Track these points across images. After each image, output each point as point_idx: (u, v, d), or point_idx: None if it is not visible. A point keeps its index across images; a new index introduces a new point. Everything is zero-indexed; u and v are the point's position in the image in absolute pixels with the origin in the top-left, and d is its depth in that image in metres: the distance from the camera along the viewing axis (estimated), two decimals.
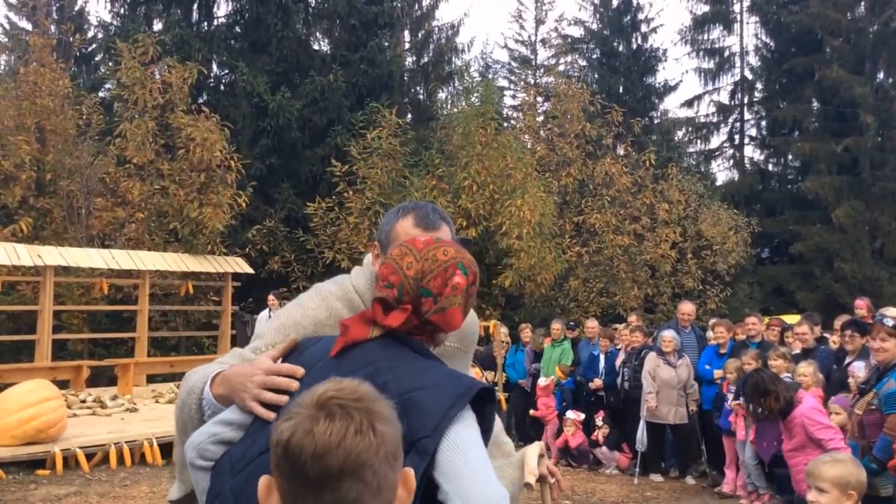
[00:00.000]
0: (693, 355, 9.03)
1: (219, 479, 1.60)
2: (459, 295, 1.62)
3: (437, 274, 1.61)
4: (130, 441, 8.18)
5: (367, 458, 1.06)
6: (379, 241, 2.13)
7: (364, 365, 1.56)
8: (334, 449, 1.04)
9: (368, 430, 1.06)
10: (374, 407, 1.09)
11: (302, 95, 17.21)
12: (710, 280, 18.59)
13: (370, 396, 1.11)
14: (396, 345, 1.60)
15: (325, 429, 1.05)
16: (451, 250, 1.66)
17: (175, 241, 14.13)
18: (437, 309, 1.60)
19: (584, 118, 18.20)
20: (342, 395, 1.09)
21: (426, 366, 1.58)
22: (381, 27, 18.35)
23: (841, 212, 22.65)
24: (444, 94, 21.93)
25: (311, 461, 1.05)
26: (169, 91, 14.12)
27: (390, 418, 1.11)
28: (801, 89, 25.42)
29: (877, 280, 21.98)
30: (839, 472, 2.83)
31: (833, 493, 2.82)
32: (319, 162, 17.06)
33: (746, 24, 27.81)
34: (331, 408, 1.07)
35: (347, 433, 1.05)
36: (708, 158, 28.12)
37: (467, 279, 1.63)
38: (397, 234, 2.04)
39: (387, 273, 1.64)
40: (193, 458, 1.68)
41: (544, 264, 15.34)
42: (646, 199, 17.96)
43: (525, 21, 26.50)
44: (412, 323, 1.61)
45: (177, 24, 17.17)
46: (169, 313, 14.60)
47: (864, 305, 8.36)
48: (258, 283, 15.22)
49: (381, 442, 1.07)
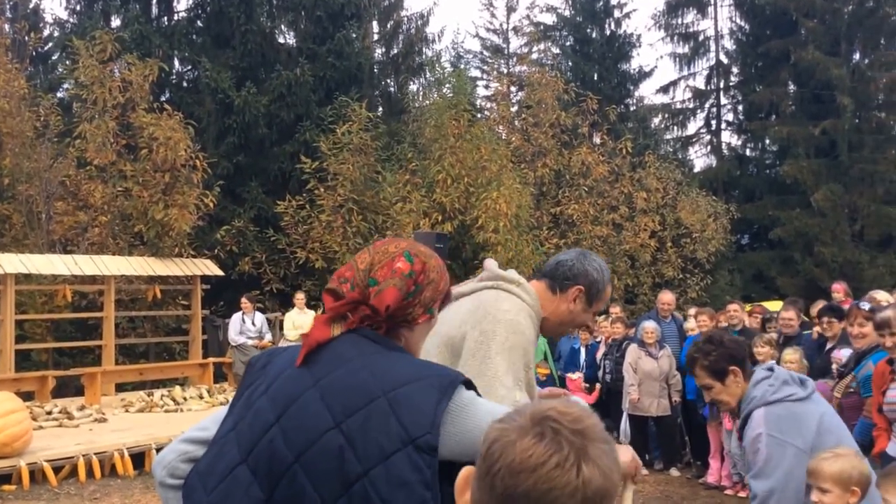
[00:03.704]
0: (674, 345, 8.96)
1: (192, 496, 1.60)
2: (397, 278, 1.65)
3: (385, 264, 1.66)
4: (100, 452, 7.92)
5: (557, 496, 0.97)
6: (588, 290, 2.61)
7: (338, 364, 1.57)
8: (529, 472, 0.98)
9: (572, 468, 0.98)
10: (590, 446, 1.01)
11: (268, 91, 16.84)
12: (690, 268, 18.47)
13: (592, 434, 1.02)
14: (361, 339, 1.61)
15: (529, 447, 0.99)
16: (404, 244, 1.72)
17: (140, 244, 13.77)
18: (377, 292, 1.63)
19: (558, 107, 17.97)
20: (563, 419, 1.02)
21: (398, 358, 1.60)
22: (348, 18, 17.99)
23: (820, 195, 22.61)
24: (416, 85, 21.64)
25: (503, 473, 1.00)
26: (129, 89, 13.74)
27: (604, 466, 1.01)
28: (777, 72, 25.37)
29: (857, 263, 21.96)
30: (840, 469, 2.66)
31: (835, 491, 2.66)
32: (288, 159, 16.69)
33: (720, 7, 27.77)
34: (545, 427, 1.01)
35: (549, 461, 0.98)
36: (685, 145, 28.05)
37: (411, 265, 1.67)
38: (606, 295, 2.68)
39: (343, 270, 1.70)
40: (164, 476, 1.69)
41: (522, 257, 15.09)
42: (623, 188, 17.80)
43: (496, 9, 26.36)
44: (364, 312, 1.63)
45: (136, 19, 16.75)
46: (136, 319, 14.22)
47: (842, 289, 8.36)
48: (229, 285, 14.86)
49: (581, 486, 0.98)
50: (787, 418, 2.96)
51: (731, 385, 3.11)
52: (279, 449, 1.52)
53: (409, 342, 1.69)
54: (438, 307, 1.74)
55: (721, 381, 3.11)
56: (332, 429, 1.49)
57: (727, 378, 3.10)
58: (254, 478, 1.53)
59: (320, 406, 1.52)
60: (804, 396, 3.01)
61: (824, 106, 23.86)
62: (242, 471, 1.55)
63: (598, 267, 2.64)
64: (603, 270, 2.65)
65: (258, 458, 1.54)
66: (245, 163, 16.92)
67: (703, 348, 3.18)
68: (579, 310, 2.63)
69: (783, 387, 3.02)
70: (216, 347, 13.31)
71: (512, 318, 2.44)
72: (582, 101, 18.21)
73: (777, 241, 24.00)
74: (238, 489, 1.54)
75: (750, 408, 3.05)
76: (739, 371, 3.09)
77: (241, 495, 1.53)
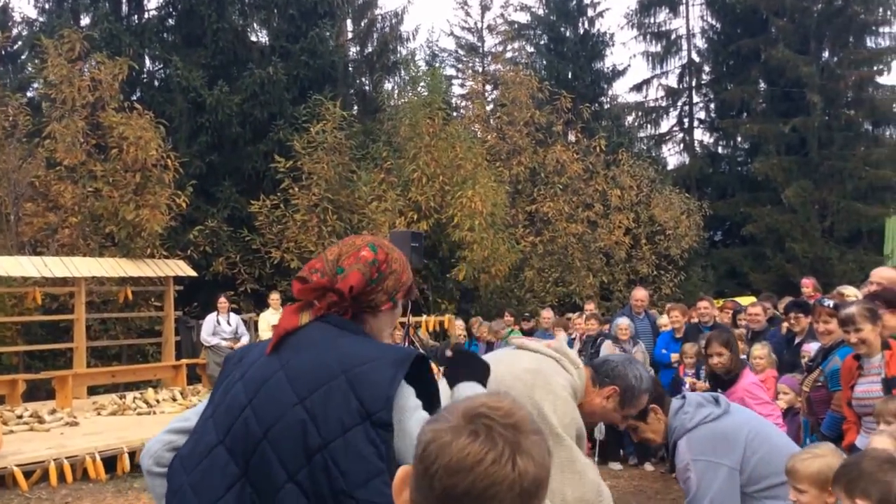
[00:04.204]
0: (648, 341, 9.04)
1: (175, 478, 1.72)
2: (361, 263, 1.78)
3: (351, 254, 1.80)
4: (71, 457, 7.78)
5: (497, 492, 0.99)
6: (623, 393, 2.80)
7: (304, 348, 1.70)
8: (466, 471, 0.99)
9: (508, 463, 1.00)
10: (523, 439, 1.02)
11: (241, 89, 16.67)
12: (664, 265, 18.61)
13: (524, 426, 1.04)
14: (326, 326, 1.74)
15: (464, 447, 1.00)
16: (369, 238, 1.87)
17: (111, 245, 13.59)
18: (342, 277, 1.76)
19: (533, 105, 18.03)
20: (494, 414, 1.03)
21: (360, 340, 1.73)
22: (322, 16, 17.86)
23: (790, 192, 22.90)
24: (391, 84, 21.59)
25: (440, 474, 1.01)
26: (99, 88, 13.56)
27: (537, 456, 1.03)
28: (747, 70, 25.62)
29: (828, 259, 22.27)
30: (817, 470, 2.65)
31: (812, 491, 2.66)
32: (262, 158, 16.55)
33: (692, 6, 27.99)
34: (477, 425, 1.02)
35: (485, 459, 0.99)
36: (658, 143, 28.23)
37: (375, 254, 1.80)
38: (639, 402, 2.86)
39: (314, 262, 1.83)
40: (150, 465, 1.81)
41: (498, 255, 15.14)
42: (598, 186, 17.91)
43: (470, 7, 26.24)
44: (331, 298, 1.75)
45: (105, 17, 16.51)
46: (108, 321, 14.03)
47: (811, 284, 8.50)
48: (202, 285, 14.72)
49: (518, 478, 1.00)
50: (711, 439, 3.04)
51: (653, 422, 3.24)
52: (251, 427, 1.66)
53: (373, 328, 1.82)
54: (402, 299, 1.87)
55: (643, 420, 3.23)
56: (296, 404, 1.63)
57: (648, 416, 3.22)
58: (230, 456, 1.68)
59: (286, 385, 1.66)
60: (720, 413, 3.10)
61: (794, 104, 24.15)
62: (220, 451, 1.69)
63: (638, 375, 2.83)
64: (642, 379, 2.83)
65: (234, 437, 1.68)
66: (218, 162, 16.75)
67: None
68: (610, 408, 2.84)
69: (698, 410, 3.12)
70: (190, 349, 13.19)
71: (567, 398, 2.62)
72: (556, 100, 18.28)
73: (749, 237, 24.27)
74: (216, 468, 1.68)
75: (673, 439, 3.16)
76: (658, 408, 3.21)
77: (219, 473, 1.67)
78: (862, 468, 2.30)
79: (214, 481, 1.67)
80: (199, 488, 1.68)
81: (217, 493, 1.66)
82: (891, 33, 25.45)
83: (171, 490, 1.73)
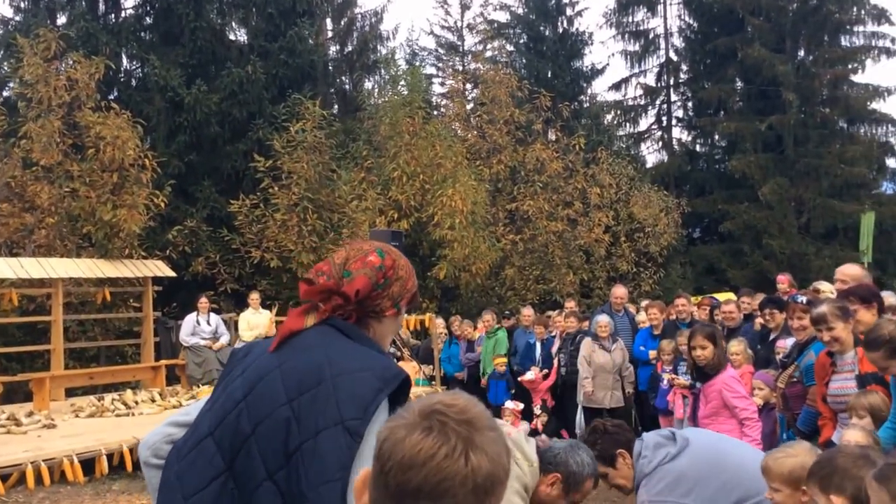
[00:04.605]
0: (627, 338, 9.11)
1: (168, 469, 1.75)
2: (369, 268, 1.79)
3: (358, 258, 1.82)
4: (48, 459, 7.68)
5: (450, 486, 0.99)
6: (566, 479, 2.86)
7: (302, 349, 1.71)
8: (419, 466, 1.00)
9: (460, 457, 1.00)
10: (476, 435, 1.03)
11: (219, 88, 16.57)
12: (643, 262, 18.74)
13: (479, 423, 1.04)
14: (330, 330, 1.74)
15: (417, 442, 1.01)
16: (378, 243, 1.89)
17: (89, 245, 13.47)
18: (349, 281, 1.78)
19: (512, 104, 18.07)
20: (450, 411, 1.04)
21: (356, 348, 1.73)
22: (301, 15, 17.79)
23: (767, 189, 23.12)
24: (371, 83, 21.56)
25: (394, 471, 1.01)
26: (75, 88, 13.42)
27: (491, 452, 1.03)
28: (724, 69, 25.84)
29: (804, 255, 22.52)
30: (788, 469, 2.66)
31: (785, 490, 2.66)
32: (241, 157, 16.46)
33: (670, 5, 28.17)
34: (432, 421, 1.03)
35: (437, 453, 1.00)
36: (637, 141, 28.40)
37: (382, 260, 1.82)
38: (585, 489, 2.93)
39: (321, 265, 1.86)
40: (148, 457, 1.85)
41: (479, 254, 15.19)
42: (577, 184, 17.99)
43: (450, 6, 26.23)
44: (336, 301, 1.76)
45: (82, 16, 16.33)
46: (86, 322, 13.90)
47: (786, 280, 8.57)
48: (182, 286, 14.62)
49: (471, 473, 1.00)
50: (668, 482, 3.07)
51: (622, 468, 3.27)
52: (242, 422, 1.69)
53: (376, 333, 1.83)
54: (405, 305, 1.89)
55: (612, 465, 3.26)
56: (284, 404, 1.65)
57: (617, 462, 3.25)
58: (217, 448, 1.70)
59: (279, 384, 1.69)
60: (676, 453, 3.14)
61: (770, 102, 24.39)
62: (208, 442, 1.72)
63: (580, 461, 2.90)
64: (585, 465, 2.90)
65: (224, 431, 1.71)
66: (197, 161, 16.64)
67: (590, 439, 3.35)
68: (555, 495, 2.90)
69: (656, 452, 3.16)
70: (169, 350, 13.10)
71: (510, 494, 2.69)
72: (536, 99, 18.34)
73: (727, 234, 24.49)
74: (203, 458, 1.71)
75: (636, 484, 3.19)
76: (627, 453, 3.25)
77: (205, 464, 1.70)
78: (836, 464, 2.30)
79: (199, 472, 1.69)
80: (184, 477, 1.70)
81: (200, 484, 1.68)
82: (864, 32, 25.80)
83: (163, 480, 1.76)
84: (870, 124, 26.20)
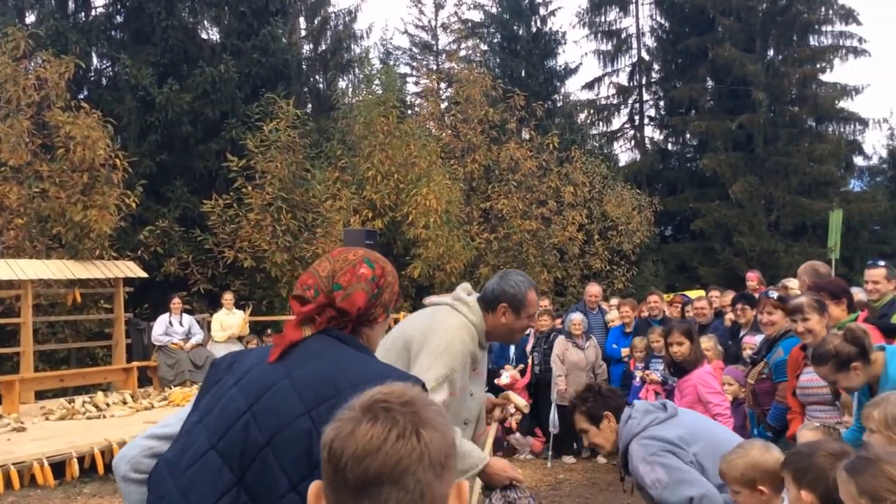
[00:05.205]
0: (600, 336, 9.17)
1: (160, 484, 1.69)
2: (363, 282, 1.81)
3: (347, 270, 1.82)
4: (18, 463, 7.61)
5: (408, 465, 1.02)
6: (511, 305, 3.10)
7: (309, 359, 1.71)
8: (374, 452, 1.01)
9: (412, 436, 1.03)
10: (421, 412, 1.06)
11: (191, 87, 16.43)
12: (616, 260, 18.88)
13: (419, 402, 1.07)
14: (330, 339, 1.76)
15: (367, 431, 1.02)
16: (361, 251, 1.89)
17: (59, 246, 13.30)
18: (345, 295, 1.79)
19: (486, 103, 18.12)
20: (390, 398, 1.06)
21: (364, 358, 1.76)
22: (274, 14, 17.68)
23: (737, 187, 23.39)
24: (345, 82, 21.54)
25: (350, 464, 1.02)
26: (45, 87, 13.26)
27: (438, 425, 1.06)
28: (695, 68, 26.11)
29: (774, 252, 22.82)
30: (740, 472, 2.63)
31: (744, 492, 2.64)
32: (214, 157, 16.34)
33: (642, 5, 28.41)
34: (376, 410, 1.05)
35: (389, 437, 1.02)
36: (610, 140, 28.61)
37: (373, 271, 1.84)
38: (529, 302, 3.13)
39: (305, 279, 1.85)
40: (128, 472, 1.79)
41: (453, 252, 15.22)
42: (551, 183, 18.07)
43: (424, 6, 26.24)
44: (330, 314, 1.77)
45: (51, 15, 16.18)
46: (56, 324, 13.75)
47: (756, 278, 8.68)
48: (154, 287, 14.51)
49: (426, 449, 1.03)
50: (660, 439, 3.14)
51: (604, 429, 3.39)
52: (252, 433, 1.66)
53: (369, 339, 1.87)
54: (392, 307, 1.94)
55: (596, 425, 3.39)
56: (303, 415, 1.63)
57: (601, 423, 3.38)
58: (223, 461, 1.66)
59: (292, 394, 1.67)
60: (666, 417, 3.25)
61: (741, 101, 24.67)
62: (212, 456, 1.67)
63: (514, 283, 3.14)
64: (519, 284, 3.13)
65: (229, 442, 1.67)
66: (169, 161, 16.50)
67: (582, 395, 3.49)
68: (512, 321, 3.15)
69: (645, 416, 3.26)
70: (140, 351, 12.99)
71: (452, 333, 3.02)
72: (510, 98, 18.40)
73: (698, 232, 24.75)
74: (209, 473, 1.65)
75: (623, 445, 3.28)
76: (612, 417, 3.36)
77: (212, 478, 1.65)
78: (814, 462, 2.29)
79: (206, 487, 1.64)
80: (189, 493, 1.65)
81: (209, 500, 1.63)
82: (833, 32, 26.18)
83: (157, 496, 1.70)
84: (838, 123, 26.55)
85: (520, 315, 3.15)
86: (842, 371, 3.48)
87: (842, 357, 3.46)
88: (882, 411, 2.63)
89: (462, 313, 3.11)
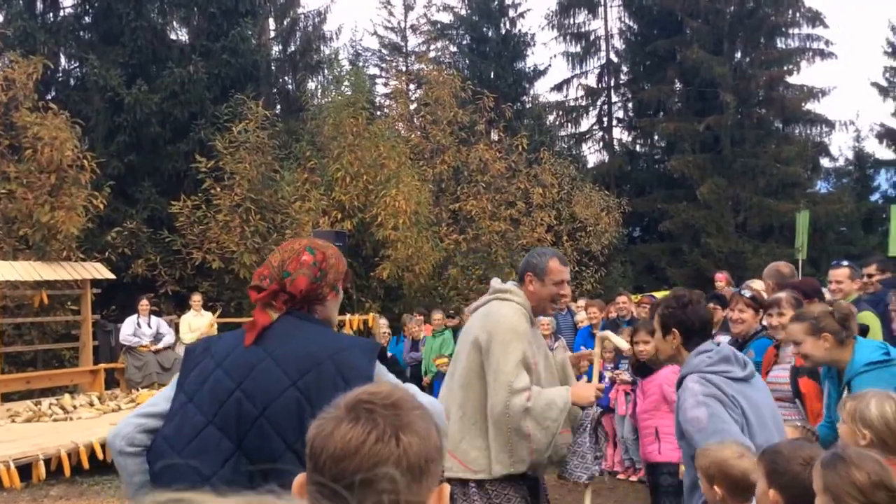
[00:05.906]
0: (569, 336, 9.23)
1: (163, 456, 1.93)
2: (305, 268, 2.08)
3: (293, 259, 2.10)
4: None
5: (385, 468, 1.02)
6: (535, 273, 3.58)
7: (285, 340, 1.99)
8: (351, 454, 1.02)
9: (391, 440, 1.02)
10: (403, 415, 1.05)
11: (160, 88, 16.32)
12: (585, 261, 19.02)
13: (405, 404, 1.07)
14: (295, 320, 2.05)
15: (346, 433, 1.03)
16: (306, 241, 2.18)
17: (26, 248, 13.16)
18: (291, 280, 2.06)
19: (455, 104, 18.18)
20: (374, 398, 1.06)
21: (326, 331, 2.07)
22: (243, 15, 17.61)
23: (705, 189, 23.65)
24: (314, 83, 21.46)
25: (328, 464, 1.03)
26: (12, 88, 13.14)
27: (421, 430, 1.06)
28: (664, 70, 26.35)
29: (741, 253, 23.12)
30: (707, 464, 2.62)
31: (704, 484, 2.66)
32: (183, 158, 16.25)
33: (610, 7, 28.62)
34: (358, 411, 1.05)
35: (367, 439, 1.02)
36: (579, 141, 28.81)
37: (314, 256, 2.10)
38: (550, 269, 3.58)
39: (261, 270, 2.13)
40: (123, 446, 1.99)
41: (422, 254, 15.26)
42: (520, 184, 18.17)
43: (394, 7, 26.25)
44: (283, 297, 2.05)
45: (19, 15, 15.99)
46: (22, 326, 13.60)
47: (724, 278, 8.74)
48: (121, 288, 14.40)
49: (404, 453, 1.02)
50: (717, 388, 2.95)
51: (667, 342, 3.19)
52: (245, 407, 1.92)
53: (323, 315, 2.13)
54: (342, 285, 2.20)
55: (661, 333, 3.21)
56: (290, 386, 1.91)
57: (667, 335, 3.18)
58: (222, 434, 1.92)
59: (277, 371, 1.94)
60: (740, 377, 3.02)
61: (708, 103, 24.99)
62: (211, 430, 1.93)
63: (538, 253, 3.65)
64: (541, 254, 3.63)
65: (224, 417, 1.93)
66: (137, 162, 16.37)
67: (668, 301, 3.29)
68: (538, 288, 3.59)
69: (721, 363, 3.03)
70: (108, 353, 12.91)
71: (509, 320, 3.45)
72: (479, 99, 18.49)
73: (666, 233, 25.01)
74: (210, 444, 1.92)
75: (684, 373, 3.09)
76: (678, 335, 3.15)
77: (214, 449, 1.92)
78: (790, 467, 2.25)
79: (209, 455, 1.90)
80: (195, 463, 1.87)
81: (214, 468, 1.89)
82: (800, 34, 26.57)
83: (160, 467, 1.93)
84: (805, 125, 26.94)
85: (544, 282, 3.57)
86: (812, 335, 3.47)
87: (820, 324, 3.46)
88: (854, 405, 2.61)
89: (509, 300, 3.54)
